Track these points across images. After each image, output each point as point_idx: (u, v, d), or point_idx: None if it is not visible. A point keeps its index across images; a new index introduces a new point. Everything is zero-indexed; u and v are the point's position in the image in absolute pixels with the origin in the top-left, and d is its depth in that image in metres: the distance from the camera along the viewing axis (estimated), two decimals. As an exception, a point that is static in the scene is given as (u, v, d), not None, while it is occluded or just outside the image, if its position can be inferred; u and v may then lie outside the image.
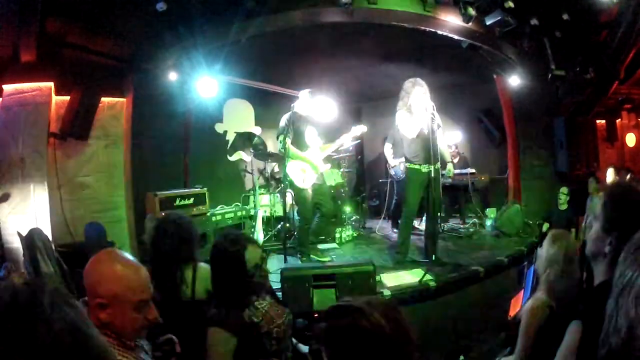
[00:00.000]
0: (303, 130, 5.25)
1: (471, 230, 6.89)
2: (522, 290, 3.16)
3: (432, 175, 4.82)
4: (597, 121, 7.83)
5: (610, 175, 6.33)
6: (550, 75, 6.02)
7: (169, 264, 2.55)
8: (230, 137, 8.04)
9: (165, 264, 2.55)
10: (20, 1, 4.39)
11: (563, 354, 1.53)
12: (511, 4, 5.10)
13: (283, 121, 5.18)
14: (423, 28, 5.61)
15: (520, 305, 2.95)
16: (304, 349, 2.54)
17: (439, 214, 5.14)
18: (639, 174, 6.71)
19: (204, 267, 2.62)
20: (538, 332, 2.01)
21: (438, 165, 4.88)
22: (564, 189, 6.40)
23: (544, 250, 2.17)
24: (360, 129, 5.61)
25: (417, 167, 4.92)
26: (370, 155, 9.93)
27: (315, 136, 5.39)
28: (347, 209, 7.38)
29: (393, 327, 1.16)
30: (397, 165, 7.00)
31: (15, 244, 4.49)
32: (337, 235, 6.41)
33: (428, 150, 4.81)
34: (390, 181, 7.27)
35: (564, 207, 6.39)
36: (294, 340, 2.49)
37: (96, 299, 1.46)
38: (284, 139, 5.02)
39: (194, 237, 2.72)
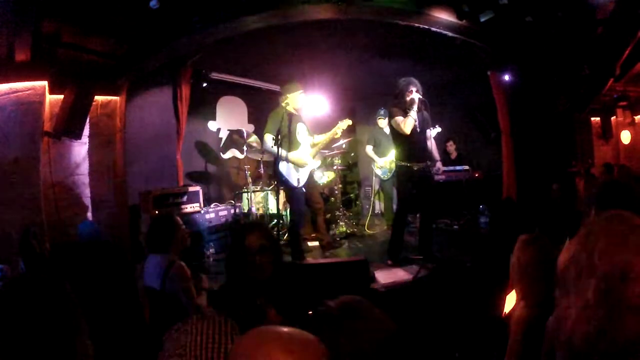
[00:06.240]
0: (294, 128, 5.09)
1: (465, 226, 6.90)
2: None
3: (424, 172, 4.84)
4: (592, 118, 7.84)
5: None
6: (544, 71, 6.04)
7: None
8: (224, 134, 8.04)
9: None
10: (16, 1, 4.38)
11: None
12: (505, 1, 5.11)
13: (272, 121, 5.04)
14: (417, 25, 5.61)
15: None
16: None
17: (431, 210, 5.14)
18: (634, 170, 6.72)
19: (180, 263, 2.85)
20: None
21: (429, 162, 4.91)
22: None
23: (515, 258, 1.98)
24: (345, 122, 5.46)
25: (408, 164, 4.87)
26: (363, 152, 9.89)
27: (305, 133, 5.29)
28: (340, 206, 7.36)
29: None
30: (384, 165, 7.00)
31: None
32: (331, 232, 6.39)
33: (419, 148, 4.82)
34: (380, 180, 7.31)
35: None
36: None
37: None
38: (276, 141, 4.85)
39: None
